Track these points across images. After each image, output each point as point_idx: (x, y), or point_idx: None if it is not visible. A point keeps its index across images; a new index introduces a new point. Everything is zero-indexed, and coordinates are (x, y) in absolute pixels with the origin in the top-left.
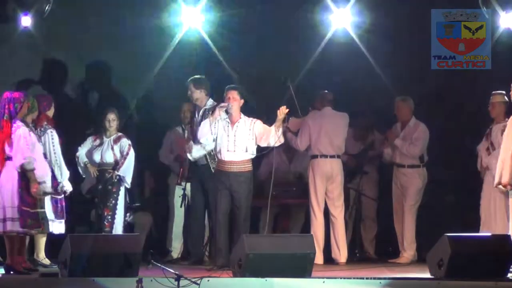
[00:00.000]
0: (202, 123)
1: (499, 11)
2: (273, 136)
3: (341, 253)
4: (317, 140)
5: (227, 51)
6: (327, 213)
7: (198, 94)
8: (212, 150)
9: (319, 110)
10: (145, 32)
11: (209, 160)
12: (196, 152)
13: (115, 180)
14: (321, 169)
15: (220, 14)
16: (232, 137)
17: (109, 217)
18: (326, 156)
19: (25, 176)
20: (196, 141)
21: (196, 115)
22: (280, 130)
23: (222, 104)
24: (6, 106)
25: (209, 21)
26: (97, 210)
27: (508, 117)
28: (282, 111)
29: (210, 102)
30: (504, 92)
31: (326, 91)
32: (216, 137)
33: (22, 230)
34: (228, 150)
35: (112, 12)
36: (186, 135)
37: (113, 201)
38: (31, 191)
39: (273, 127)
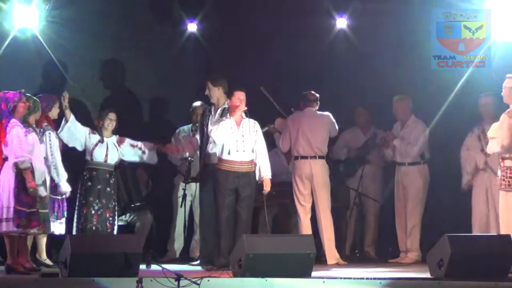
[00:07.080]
0: (221, 123)
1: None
2: None
3: (329, 255)
4: (296, 141)
5: (225, 57)
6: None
7: (217, 92)
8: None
9: (302, 111)
10: (145, 34)
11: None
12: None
13: (112, 181)
14: (301, 170)
15: (217, 21)
16: (240, 137)
17: (111, 218)
18: (306, 157)
19: (22, 175)
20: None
21: (213, 113)
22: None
23: (243, 108)
24: None
25: (208, 29)
26: (89, 210)
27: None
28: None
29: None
30: (492, 93)
31: (312, 91)
32: None
33: (17, 229)
34: (237, 151)
35: (113, 13)
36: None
37: (114, 203)
38: (28, 190)
39: None
